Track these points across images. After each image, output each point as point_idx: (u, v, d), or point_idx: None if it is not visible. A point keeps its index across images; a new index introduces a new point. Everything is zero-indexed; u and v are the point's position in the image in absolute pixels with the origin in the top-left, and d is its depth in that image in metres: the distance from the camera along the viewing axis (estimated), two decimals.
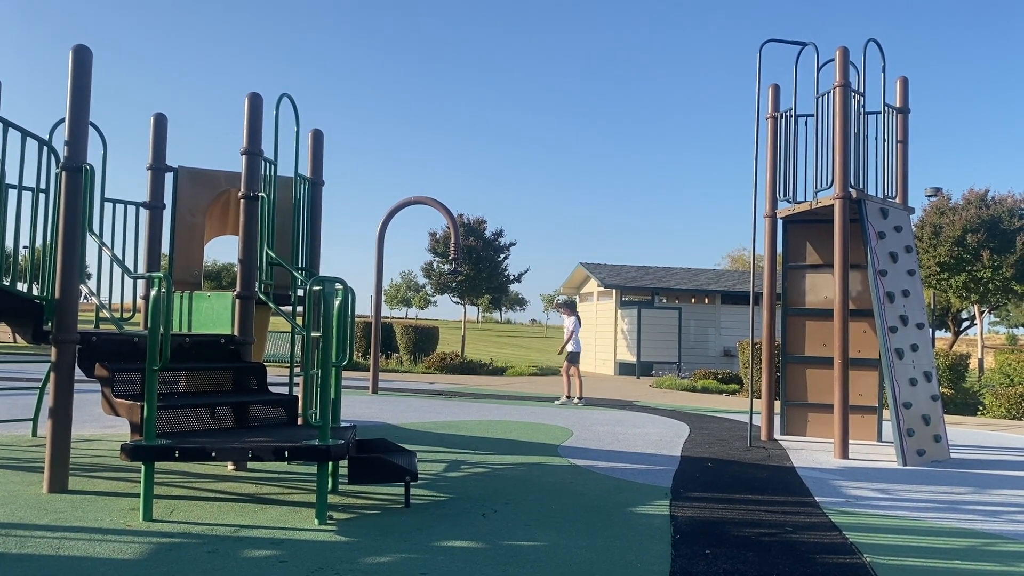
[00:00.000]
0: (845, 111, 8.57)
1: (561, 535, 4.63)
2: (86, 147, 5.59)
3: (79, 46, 5.51)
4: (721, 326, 26.76)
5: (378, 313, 15.51)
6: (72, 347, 5.45)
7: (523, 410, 12.18)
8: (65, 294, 5.44)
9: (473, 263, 27.56)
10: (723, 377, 20.60)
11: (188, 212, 7.65)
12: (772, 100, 9.93)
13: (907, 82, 9.40)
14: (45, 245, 5.70)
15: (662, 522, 5.05)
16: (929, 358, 8.73)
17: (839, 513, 5.50)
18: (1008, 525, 5.35)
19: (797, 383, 9.91)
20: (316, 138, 7.89)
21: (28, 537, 4.21)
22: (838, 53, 8.68)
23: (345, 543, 4.32)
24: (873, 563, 4.23)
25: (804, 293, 10.02)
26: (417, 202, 15.30)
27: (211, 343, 6.36)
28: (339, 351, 5.16)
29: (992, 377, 18.71)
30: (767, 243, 9.92)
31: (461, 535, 4.56)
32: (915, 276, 8.93)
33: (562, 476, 6.60)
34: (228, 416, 5.68)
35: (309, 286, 5.35)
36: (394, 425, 9.63)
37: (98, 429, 8.32)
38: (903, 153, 9.33)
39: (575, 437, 9.11)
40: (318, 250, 7.78)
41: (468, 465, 7.00)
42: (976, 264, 25.21)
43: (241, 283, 6.47)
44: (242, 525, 4.61)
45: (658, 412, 12.69)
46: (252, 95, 6.52)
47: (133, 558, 3.91)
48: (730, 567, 4.07)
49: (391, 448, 5.65)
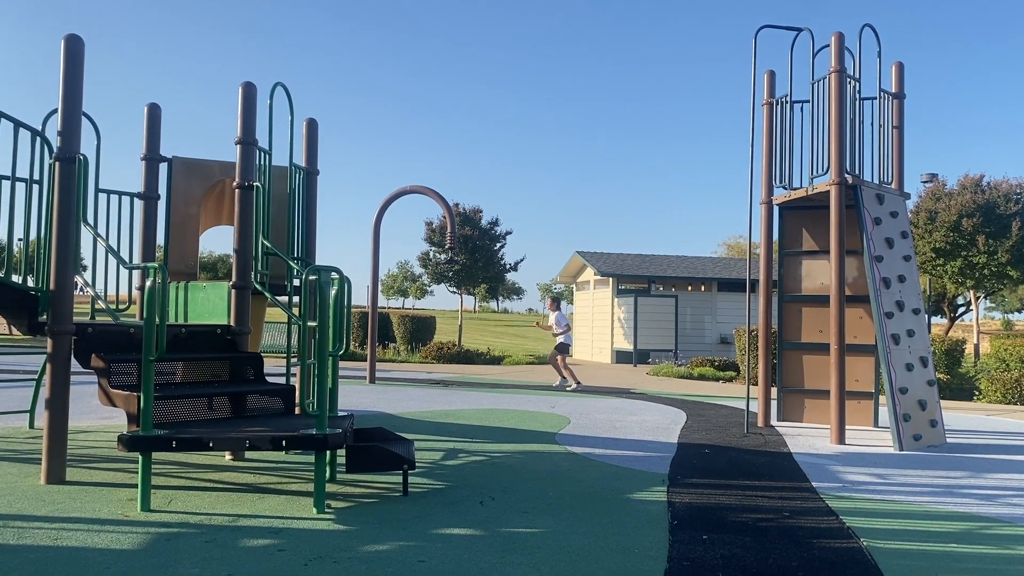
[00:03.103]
0: (841, 97, 8.56)
1: (559, 522, 4.64)
2: (79, 137, 5.56)
3: (71, 36, 5.48)
4: (717, 313, 26.79)
5: (375, 303, 15.50)
6: (68, 338, 5.43)
7: (520, 398, 12.20)
8: (60, 285, 5.42)
9: (469, 252, 27.52)
10: (720, 364, 20.64)
11: (183, 202, 7.62)
12: (768, 86, 9.90)
13: (903, 67, 9.39)
14: (39, 236, 5.67)
15: (659, 508, 5.06)
16: (925, 343, 8.75)
17: (836, 498, 5.52)
18: (1004, 509, 5.37)
19: (793, 369, 9.93)
20: (311, 127, 7.86)
21: (26, 528, 4.21)
22: (833, 39, 8.66)
23: (343, 531, 4.33)
24: (870, 547, 4.25)
25: (800, 280, 10.02)
26: (413, 191, 15.26)
27: (207, 333, 6.35)
28: (336, 340, 5.16)
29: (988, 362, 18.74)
30: (763, 230, 9.92)
31: (459, 523, 4.57)
32: (911, 262, 8.94)
33: (559, 463, 6.61)
34: (225, 406, 5.67)
35: (305, 275, 5.33)
36: (392, 414, 9.63)
37: (95, 420, 8.31)
38: (899, 139, 9.32)
39: (572, 425, 9.13)
40: (314, 240, 7.77)
41: (466, 453, 7.01)
42: (972, 250, 25.24)
43: (237, 273, 6.45)
44: (240, 514, 4.62)
45: (655, 399, 12.72)
46: (246, 84, 6.49)
47: (131, 548, 3.92)
48: (727, 552, 4.09)
49: (389, 437, 5.65)
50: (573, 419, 9.65)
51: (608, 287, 26.74)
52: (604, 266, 27.08)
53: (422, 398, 11.81)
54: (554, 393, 13.43)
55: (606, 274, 26.51)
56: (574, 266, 30.23)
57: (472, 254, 27.73)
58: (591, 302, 28.37)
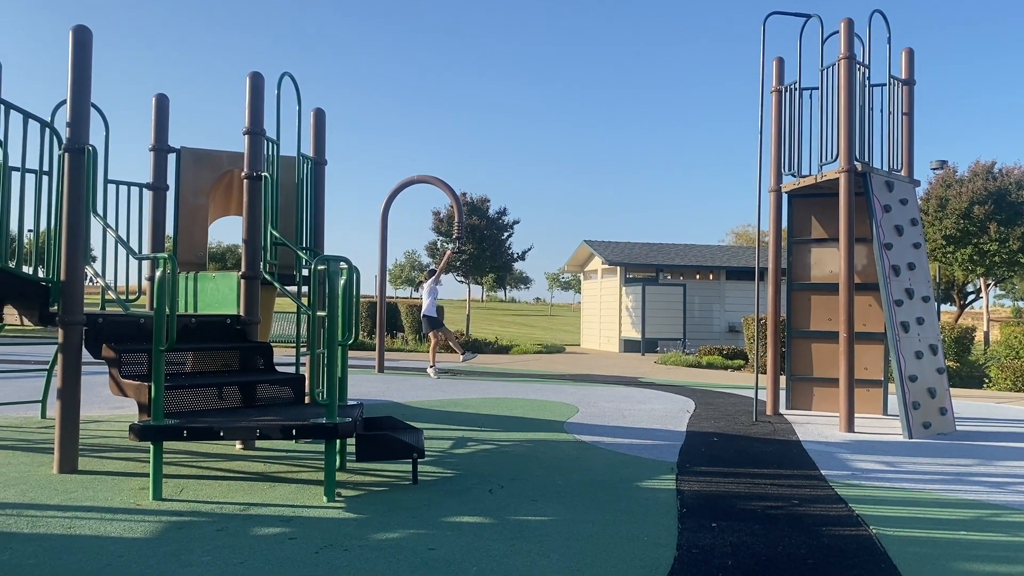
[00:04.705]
0: (850, 83, 8.50)
1: (567, 509, 4.66)
2: (88, 128, 5.58)
3: (79, 26, 5.48)
4: (726, 302, 26.74)
5: (383, 293, 15.53)
6: (79, 329, 5.46)
7: (528, 387, 12.22)
8: (71, 276, 5.45)
9: (477, 242, 27.54)
10: (728, 353, 20.61)
11: (191, 193, 7.64)
12: (776, 73, 9.84)
13: (912, 53, 9.31)
14: (49, 227, 5.70)
15: (668, 496, 5.07)
16: (935, 331, 8.72)
17: (845, 486, 5.52)
18: (1014, 496, 5.36)
19: (802, 358, 9.91)
20: (318, 117, 7.85)
21: (40, 517, 4.25)
22: (843, 25, 8.60)
23: (354, 520, 4.35)
24: (879, 535, 4.25)
25: (809, 268, 9.99)
26: (421, 181, 15.26)
27: (217, 323, 6.38)
28: (345, 329, 5.17)
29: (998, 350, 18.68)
30: (772, 218, 9.88)
31: (468, 511, 4.58)
32: (920, 249, 8.89)
33: (568, 452, 6.62)
34: (235, 396, 5.70)
35: (314, 265, 5.35)
36: (400, 403, 9.66)
37: (107, 410, 8.37)
38: (908, 125, 9.26)
39: (581, 413, 9.14)
40: (322, 230, 7.77)
41: (474, 442, 7.03)
42: (982, 237, 25.11)
43: (246, 263, 6.47)
44: (251, 503, 4.65)
45: (663, 388, 12.71)
46: (253, 74, 6.49)
47: (144, 536, 3.95)
48: (736, 540, 4.09)
49: (398, 426, 5.67)
50: (581, 408, 9.67)
51: (616, 276, 26.70)
52: (612, 255, 27.04)
53: (430, 387, 11.84)
54: (556, 382, 13.43)
55: (614, 263, 26.47)
56: (582, 255, 30.19)
57: (480, 243, 27.74)
58: (599, 291, 28.34)
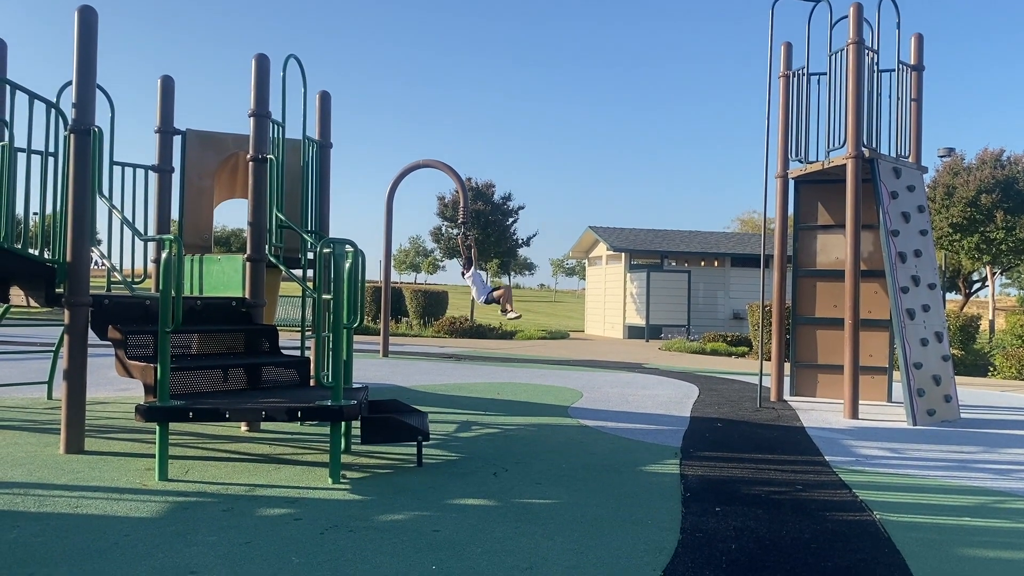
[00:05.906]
0: (858, 69, 8.44)
1: (571, 493, 4.67)
2: (94, 109, 5.57)
3: (85, 7, 5.46)
4: (731, 289, 26.70)
5: (387, 277, 15.54)
6: (85, 310, 5.47)
7: (533, 372, 12.23)
8: (76, 257, 5.45)
9: (482, 227, 27.50)
10: (732, 340, 20.60)
11: (197, 175, 7.63)
12: (784, 58, 9.77)
13: (922, 39, 9.23)
14: (55, 209, 5.70)
15: (672, 480, 5.08)
16: (940, 319, 8.70)
17: (849, 472, 5.52)
18: (1018, 483, 5.36)
19: (807, 344, 9.89)
20: (324, 100, 7.83)
21: (46, 496, 4.27)
22: (852, 9, 8.53)
23: (359, 501, 4.37)
24: (883, 520, 4.26)
25: (815, 254, 9.96)
26: (426, 165, 15.21)
27: (223, 306, 6.39)
28: (350, 313, 5.17)
29: (1003, 338, 18.63)
30: (778, 204, 9.84)
31: (473, 493, 4.60)
32: (927, 236, 8.86)
33: (572, 436, 6.64)
34: (241, 378, 5.71)
35: (319, 248, 5.33)
36: (405, 387, 9.68)
37: (112, 392, 8.40)
38: (917, 112, 9.20)
39: (585, 398, 9.15)
40: (327, 213, 7.77)
41: (479, 426, 7.05)
42: (989, 225, 24.99)
43: (251, 246, 6.47)
44: (256, 484, 4.67)
45: (667, 374, 12.72)
46: (259, 56, 6.46)
47: (149, 516, 3.97)
48: (740, 524, 4.10)
49: (403, 409, 5.68)
50: (585, 393, 9.68)
51: (621, 262, 26.67)
52: (617, 241, 26.99)
53: (435, 372, 11.86)
54: (561, 367, 13.43)
55: (619, 249, 26.43)
56: (587, 241, 30.14)
57: (484, 229, 27.70)
58: (603, 277, 28.31)
